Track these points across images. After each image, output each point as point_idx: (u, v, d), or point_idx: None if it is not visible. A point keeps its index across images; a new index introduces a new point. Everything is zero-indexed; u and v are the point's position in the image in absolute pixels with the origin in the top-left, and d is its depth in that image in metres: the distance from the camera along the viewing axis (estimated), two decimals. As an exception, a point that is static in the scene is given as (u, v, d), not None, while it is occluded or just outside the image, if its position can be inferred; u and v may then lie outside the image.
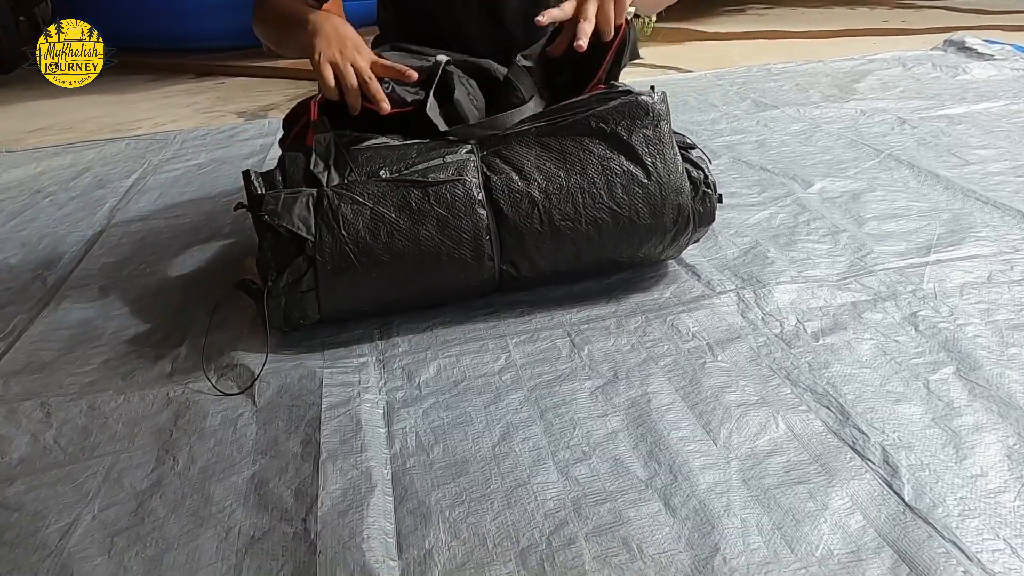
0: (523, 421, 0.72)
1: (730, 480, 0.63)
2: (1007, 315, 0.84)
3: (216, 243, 1.19)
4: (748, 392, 0.74)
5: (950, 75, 1.91)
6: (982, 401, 0.70)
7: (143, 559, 0.59)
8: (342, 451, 0.69)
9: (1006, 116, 1.55)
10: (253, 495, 0.65)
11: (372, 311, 0.91)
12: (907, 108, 1.64)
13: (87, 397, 0.80)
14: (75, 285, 1.08)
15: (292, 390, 0.78)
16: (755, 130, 1.58)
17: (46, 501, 0.65)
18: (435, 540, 0.59)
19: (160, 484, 0.67)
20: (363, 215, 0.83)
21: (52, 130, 2.09)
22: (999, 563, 0.53)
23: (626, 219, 0.88)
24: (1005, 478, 0.61)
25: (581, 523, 0.59)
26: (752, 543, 0.57)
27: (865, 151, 1.40)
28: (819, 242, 1.04)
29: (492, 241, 0.86)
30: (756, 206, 1.18)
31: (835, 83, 1.92)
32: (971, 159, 1.32)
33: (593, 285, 0.95)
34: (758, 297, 0.91)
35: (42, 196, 1.49)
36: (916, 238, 1.03)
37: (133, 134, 1.96)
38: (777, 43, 2.69)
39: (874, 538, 0.56)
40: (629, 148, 0.88)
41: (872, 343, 0.80)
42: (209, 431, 0.73)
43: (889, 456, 0.64)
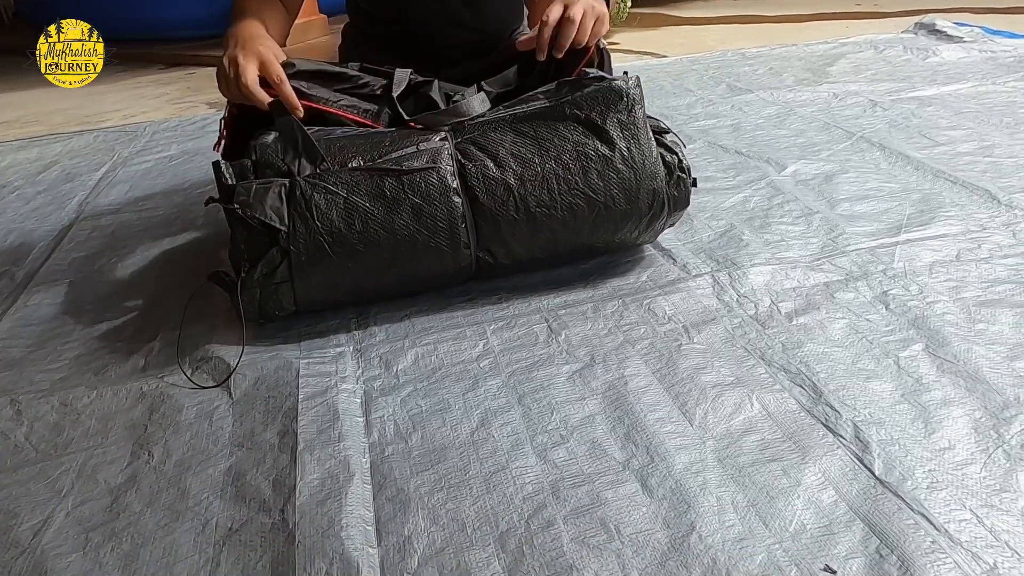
0: (501, 407, 0.72)
1: (706, 459, 0.64)
2: (974, 292, 0.85)
3: (189, 235, 1.17)
4: (723, 373, 0.75)
5: (920, 57, 1.94)
6: (950, 376, 0.72)
7: (119, 554, 0.58)
8: (320, 441, 0.68)
9: (975, 97, 1.58)
10: (230, 487, 0.64)
11: (348, 301, 0.90)
12: (879, 91, 1.66)
13: (58, 393, 0.79)
14: (44, 280, 1.06)
15: (268, 381, 0.78)
16: (730, 114, 1.59)
17: (18, 499, 0.64)
18: (414, 527, 0.59)
19: (135, 479, 0.66)
20: (337, 204, 0.82)
21: (18, 123, 2.04)
22: (965, 532, 0.55)
23: (601, 204, 0.88)
24: (971, 450, 0.63)
25: (559, 506, 0.60)
26: (727, 520, 0.57)
27: (838, 134, 1.41)
28: (793, 224, 1.06)
29: (468, 229, 0.86)
30: (731, 189, 1.19)
31: (808, 67, 1.94)
32: (940, 140, 1.34)
33: (570, 271, 0.96)
34: (733, 279, 0.91)
35: (8, 191, 1.46)
36: (887, 218, 1.05)
37: (102, 126, 1.92)
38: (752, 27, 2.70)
39: (846, 512, 0.57)
40: (604, 133, 0.88)
41: (844, 322, 0.82)
42: (184, 424, 0.72)
43: (860, 432, 0.65)
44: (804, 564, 0.53)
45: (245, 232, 0.81)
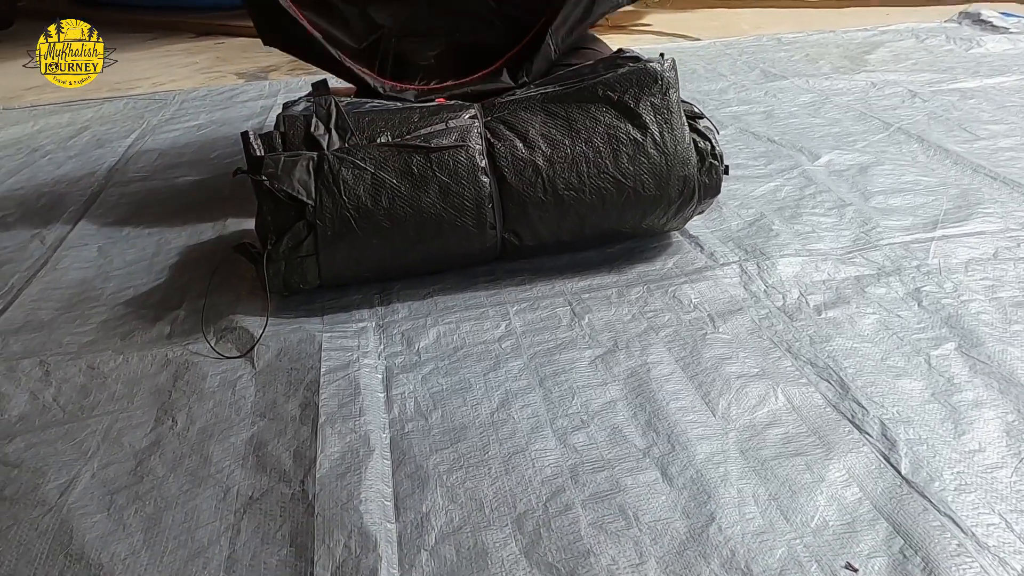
0: (522, 388, 0.72)
1: (728, 451, 0.63)
2: (1011, 292, 0.83)
3: (215, 205, 1.18)
4: (748, 364, 0.73)
5: (964, 48, 1.87)
6: (983, 377, 0.70)
7: (142, 517, 0.59)
8: (340, 415, 0.69)
9: (1019, 91, 1.53)
10: (252, 456, 0.65)
11: (372, 277, 0.90)
12: (918, 81, 1.61)
13: (86, 356, 0.80)
14: (74, 245, 1.07)
15: (291, 353, 0.78)
16: (763, 100, 1.56)
17: (46, 458, 0.66)
18: (432, 504, 0.59)
19: (159, 444, 0.67)
20: (364, 180, 0.82)
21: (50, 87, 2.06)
22: (993, 537, 0.54)
23: (631, 189, 0.87)
24: (1003, 454, 0.61)
25: (578, 490, 0.60)
26: (748, 513, 0.57)
27: (874, 124, 1.38)
28: (825, 215, 1.03)
29: (495, 209, 0.85)
30: (762, 178, 1.16)
31: (846, 54, 1.89)
32: (981, 134, 1.30)
33: (595, 254, 0.95)
34: (761, 269, 0.90)
35: (40, 155, 1.48)
36: (923, 213, 1.02)
37: (132, 93, 1.93)
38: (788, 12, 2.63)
39: (870, 510, 0.56)
40: (636, 116, 0.87)
41: (874, 317, 0.80)
42: (208, 392, 0.73)
43: (888, 430, 0.64)
44: (825, 561, 0.53)
45: (272, 204, 0.81)
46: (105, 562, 0.55)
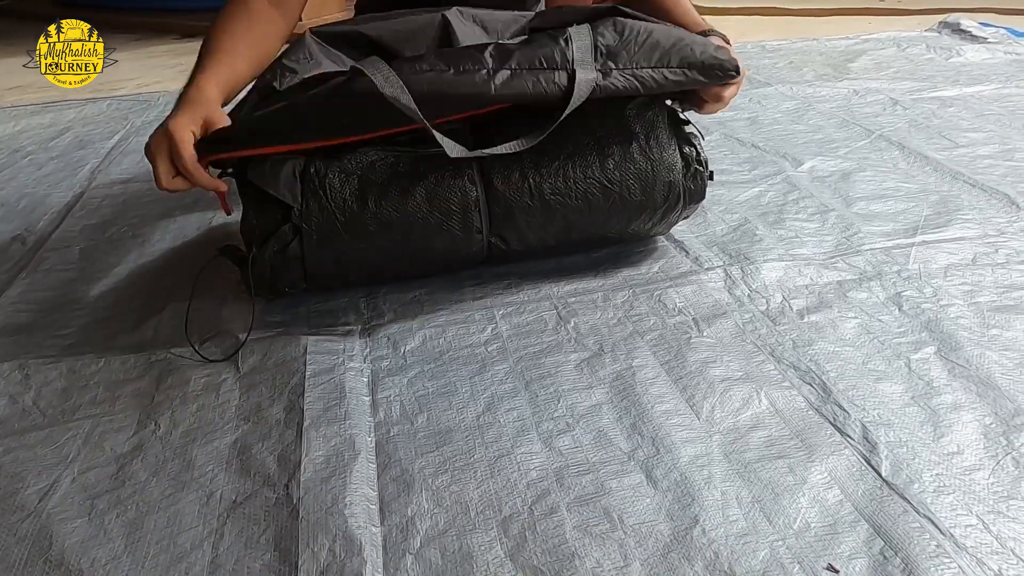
0: (508, 392, 0.72)
1: (711, 453, 0.63)
2: (989, 297, 0.85)
3: (200, 207, 1.17)
4: (732, 367, 0.74)
5: (944, 57, 1.91)
6: (961, 381, 0.71)
7: (124, 522, 0.58)
8: (325, 418, 0.68)
9: (997, 100, 1.55)
10: (235, 460, 0.64)
11: (358, 280, 0.90)
12: (900, 89, 1.64)
13: (67, 360, 0.79)
14: (55, 247, 1.06)
15: (276, 357, 0.78)
16: (747, 107, 1.57)
17: (25, 463, 0.65)
18: (418, 507, 0.59)
19: (141, 448, 0.66)
20: (351, 184, 0.81)
21: (32, 88, 2.04)
22: (971, 538, 0.55)
23: (617, 195, 0.87)
24: (980, 456, 0.62)
25: (563, 493, 0.60)
26: (731, 515, 0.57)
27: (856, 131, 1.40)
28: (807, 221, 1.05)
29: (481, 214, 0.85)
30: (746, 183, 1.18)
31: (829, 62, 1.91)
32: (961, 142, 1.32)
33: (581, 259, 0.95)
34: (745, 274, 0.91)
35: (21, 156, 1.46)
36: (903, 219, 1.04)
37: (115, 94, 1.91)
38: (772, 20, 2.66)
39: (851, 512, 0.57)
40: (623, 122, 0.87)
41: (856, 322, 0.81)
42: (191, 396, 0.73)
43: (868, 433, 0.65)
44: (807, 562, 0.53)
45: (258, 207, 0.81)
46: (85, 568, 0.55)
